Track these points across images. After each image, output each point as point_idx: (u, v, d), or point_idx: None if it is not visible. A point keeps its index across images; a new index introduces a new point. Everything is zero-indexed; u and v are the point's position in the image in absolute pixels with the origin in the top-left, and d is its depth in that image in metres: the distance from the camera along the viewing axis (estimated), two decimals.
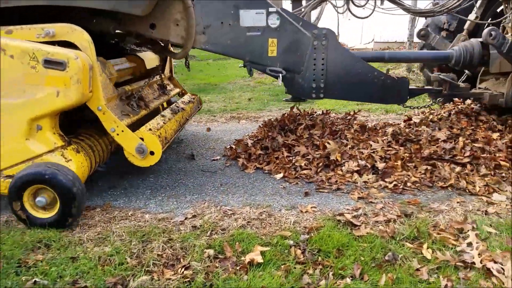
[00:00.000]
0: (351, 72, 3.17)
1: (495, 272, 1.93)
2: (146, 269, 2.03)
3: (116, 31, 3.27)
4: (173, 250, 2.23)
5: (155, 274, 2.01)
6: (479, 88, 3.99)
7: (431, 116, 4.00)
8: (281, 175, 3.34)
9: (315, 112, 4.57)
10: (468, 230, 2.32)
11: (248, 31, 2.91)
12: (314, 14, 5.48)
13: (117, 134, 2.63)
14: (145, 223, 2.53)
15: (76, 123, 2.99)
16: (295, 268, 2.03)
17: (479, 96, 3.79)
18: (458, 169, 3.14)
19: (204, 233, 2.40)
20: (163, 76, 4.10)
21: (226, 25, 2.90)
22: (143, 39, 3.59)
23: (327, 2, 4.16)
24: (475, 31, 4.41)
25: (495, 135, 3.42)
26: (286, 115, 4.30)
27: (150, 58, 3.88)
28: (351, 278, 1.97)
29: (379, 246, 2.22)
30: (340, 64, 3.12)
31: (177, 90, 4.45)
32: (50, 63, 2.33)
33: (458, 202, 2.79)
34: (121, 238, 2.31)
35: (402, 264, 2.07)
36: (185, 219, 2.60)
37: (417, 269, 2.02)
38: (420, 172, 3.19)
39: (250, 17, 2.85)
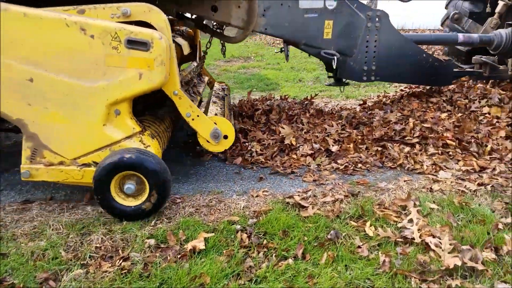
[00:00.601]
0: (402, 54, 3.16)
1: (433, 246, 1.97)
2: (82, 262, 1.95)
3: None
4: (112, 241, 2.14)
5: (91, 267, 1.92)
6: None
7: (384, 99, 4.06)
8: (236, 161, 3.30)
9: (273, 97, 4.55)
10: (410, 207, 2.36)
11: (305, 13, 2.85)
12: None
13: (192, 119, 2.54)
14: (86, 216, 2.43)
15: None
16: (238, 252, 2.00)
17: None
18: (407, 149, 3.21)
19: (148, 223, 2.32)
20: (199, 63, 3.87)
21: (285, 6, 2.83)
22: (199, 22, 3.40)
23: None
24: (507, 14, 4.28)
25: (444, 115, 3.51)
26: (243, 101, 4.25)
27: (184, 44, 3.58)
28: (293, 259, 1.96)
29: (324, 226, 2.23)
30: (392, 46, 3.11)
31: (207, 77, 4.26)
32: (133, 44, 2.15)
33: (405, 181, 2.85)
34: (58, 232, 2.20)
35: (345, 242, 2.09)
36: None
37: (359, 247, 2.04)
38: (371, 153, 3.23)
39: None
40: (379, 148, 3.24)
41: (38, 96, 2.18)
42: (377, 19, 3.01)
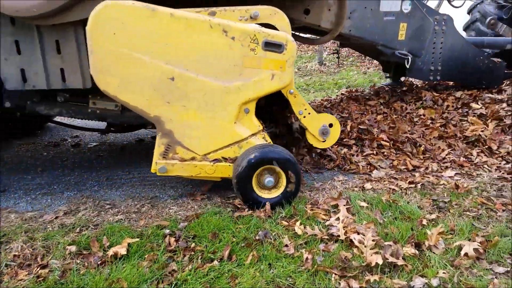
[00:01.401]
0: (464, 56, 3.31)
1: (356, 243, 2.01)
2: None
3: None
4: (33, 249, 2.02)
5: (7, 276, 1.80)
6: None
7: (325, 103, 4.16)
8: None
9: None
10: (340, 206, 2.41)
11: (385, 15, 3.02)
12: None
13: (304, 117, 2.61)
14: (8, 224, 2.28)
15: None
16: (161, 257, 1.94)
17: None
18: (344, 150, 3.28)
19: (73, 230, 2.21)
20: None
21: (368, 10, 2.96)
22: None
23: None
24: None
25: (380, 117, 3.64)
26: None
27: None
28: (219, 260, 1.92)
29: (255, 226, 2.22)
30: (455, 48, 3.27)
31: None
32: (269, 46, 2.24)
33: (340, 181, 2.91)
34: None
35: (273, 241, 2.08)
36: (55, 217, 2.38)
37: (286, 245, 2.04)
38: (310, 155, 3.28)
39: (388, 3, 2.93)
40: (318, 150, 3.30)
41: (177, 95, 2.23)
42: (443, 22, 3.20)
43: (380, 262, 1.84)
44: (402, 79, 4.52)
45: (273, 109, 3.04)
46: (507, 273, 1.82)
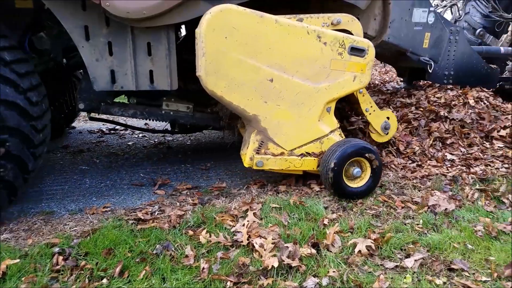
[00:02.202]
0: (471, 62, 3.80)
1: (257, 247, 1.98)
2: None
3: None
4: None
5: None
6: None
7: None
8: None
9: None
10: (250, 211, 2.38)
11: (415, 26, 3.34)
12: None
13: (369, 114, 2.93)
14: None
15: None
16: (43, 278, 1.76)
17: None
18: None
19: None
20: None
21: (403, 20, 3.28)
22: None
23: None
24: None
25: None
26: None
27: None
28: (109, 278, 1.79)
29: (156, 239, 2.12)
30: (464, 56, 3.71)
31: None
32: (354, 50, 2.48)
33: (256, 184, 2.90)
34: None
35: (175, 253, 2.00)
36: None
37: (186, 256, 1.96)
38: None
39: (418, 14, 3.30)
40: None
41: (274, 95, 2.41)
42: (456, 33, 3.62)
43: (276, 264, 1.83)
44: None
45: (340, 106, 3.24)
46: (396, 268, 1.90)
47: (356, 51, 2.52)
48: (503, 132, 3.73)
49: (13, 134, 2.11)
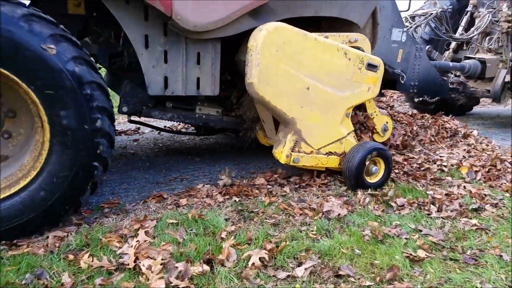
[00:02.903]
0: (430, 75, 4.37)
1: (144, 269, 1.84)
2: None
3: None
4: None
5: None
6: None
7: None
8: None
9: None
10: (141, 228, 2.22)
11: (392, 43, 3.77)
12: None
13: (373, 118, 3.42)
14: None
15: None
16: None
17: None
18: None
19: None
20: None
21: (385, 38, 3.67)
22: None
23: None
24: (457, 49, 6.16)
25: None
26: None
27: None
28: None
29: (29, 266, 1.85)
30: (425, 69, 4.25)
31: None
32: (370, 66, 3.00)
33: (154, 199, 2.74)
34: None
35: (50, 282, 1.76)
36: None
37: (62, 284, 1.74)
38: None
39: (396, 33, 3.74)
40: None
41: (309, 101, 2.81)
42: (420, 50, 4.08)
43: (163, 287, 1.70)
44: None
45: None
46: (287, 278, 1.90)
47: (371, 67, 3.02)
48: (398, 141, 4.09)
49: (104, 113, 2.19)
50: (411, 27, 5.68)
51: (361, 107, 3.40)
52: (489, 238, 2.37)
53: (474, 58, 5.68)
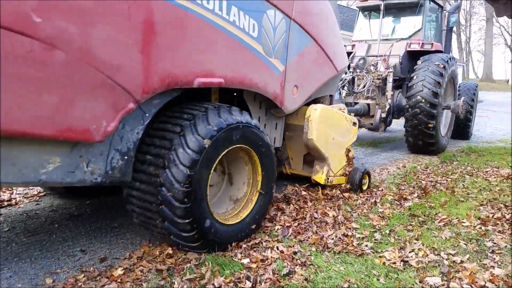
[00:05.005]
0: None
1: None
2: None
3: None
4: None
5: None
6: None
7: None
8: None
9: None
10: None
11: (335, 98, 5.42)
12: None
13: (350, 151, 4.99)
14: None
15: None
16: None
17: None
18: None
19: None
20: None
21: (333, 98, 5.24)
22: None
23: None
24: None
25: None
26: None
27: None
28: None
29: None
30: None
31: None
32: (353, 124, 4.88)
33: None
34: None
35: None
36: None
37: None
38: None
39: (336, 95, 5.65)
40: None
41: (333, 145, 4.56)
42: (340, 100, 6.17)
43: None
44: None
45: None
46: None
47: (354, 123, 4.91)
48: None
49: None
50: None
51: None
52: None
53: (360, 103, 7.65)
